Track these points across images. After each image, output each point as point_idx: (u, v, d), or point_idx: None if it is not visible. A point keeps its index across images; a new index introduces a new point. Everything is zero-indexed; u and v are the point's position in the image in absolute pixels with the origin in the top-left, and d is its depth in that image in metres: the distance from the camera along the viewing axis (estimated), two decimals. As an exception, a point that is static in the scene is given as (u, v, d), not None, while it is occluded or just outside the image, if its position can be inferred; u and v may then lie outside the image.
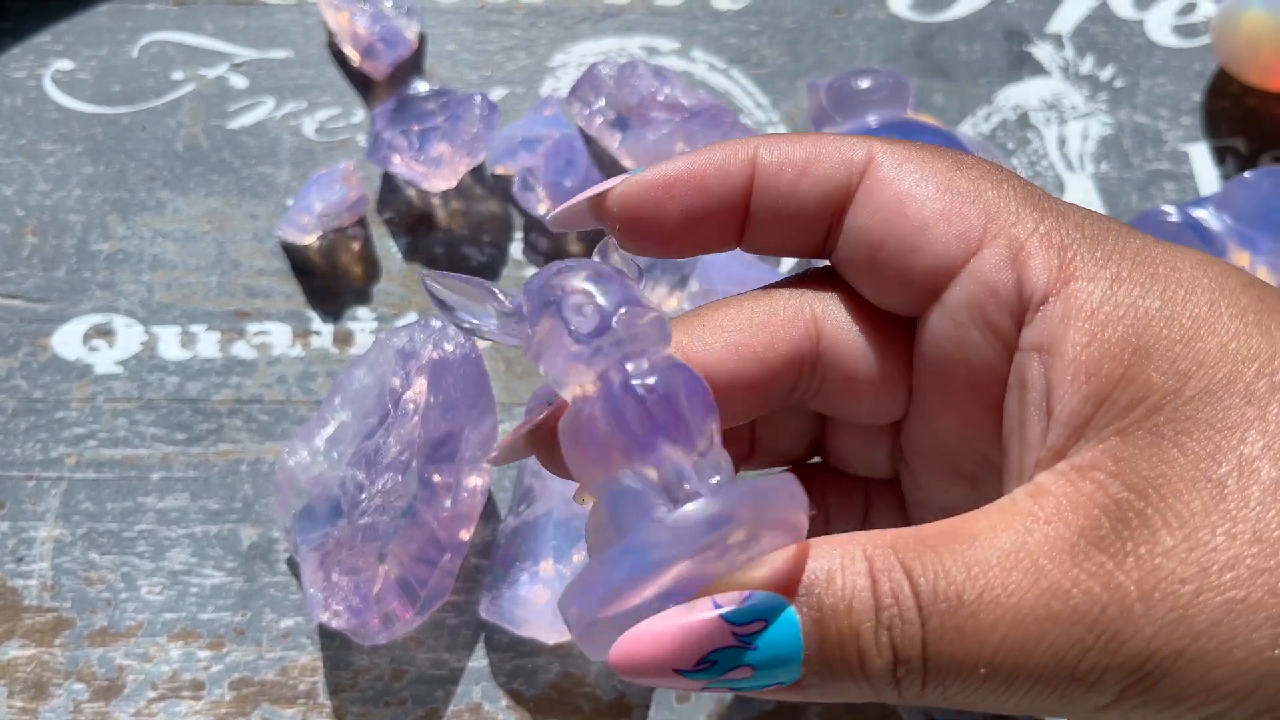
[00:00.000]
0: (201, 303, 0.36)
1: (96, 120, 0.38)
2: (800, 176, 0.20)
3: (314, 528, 0.30)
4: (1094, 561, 0.16)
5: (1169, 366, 0.17)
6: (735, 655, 0.16)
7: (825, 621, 0.16)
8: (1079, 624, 0.16)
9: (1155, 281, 0.18)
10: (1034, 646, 0.16)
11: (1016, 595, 0.16)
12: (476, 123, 0.35)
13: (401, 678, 0.31)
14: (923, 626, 0.16)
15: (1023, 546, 0.16)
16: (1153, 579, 0.15)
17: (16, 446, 0.34)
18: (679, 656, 0.16)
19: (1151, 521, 0.16)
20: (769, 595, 0.17)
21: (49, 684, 0.31)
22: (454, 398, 0.30)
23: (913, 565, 0.16)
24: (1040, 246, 0.18)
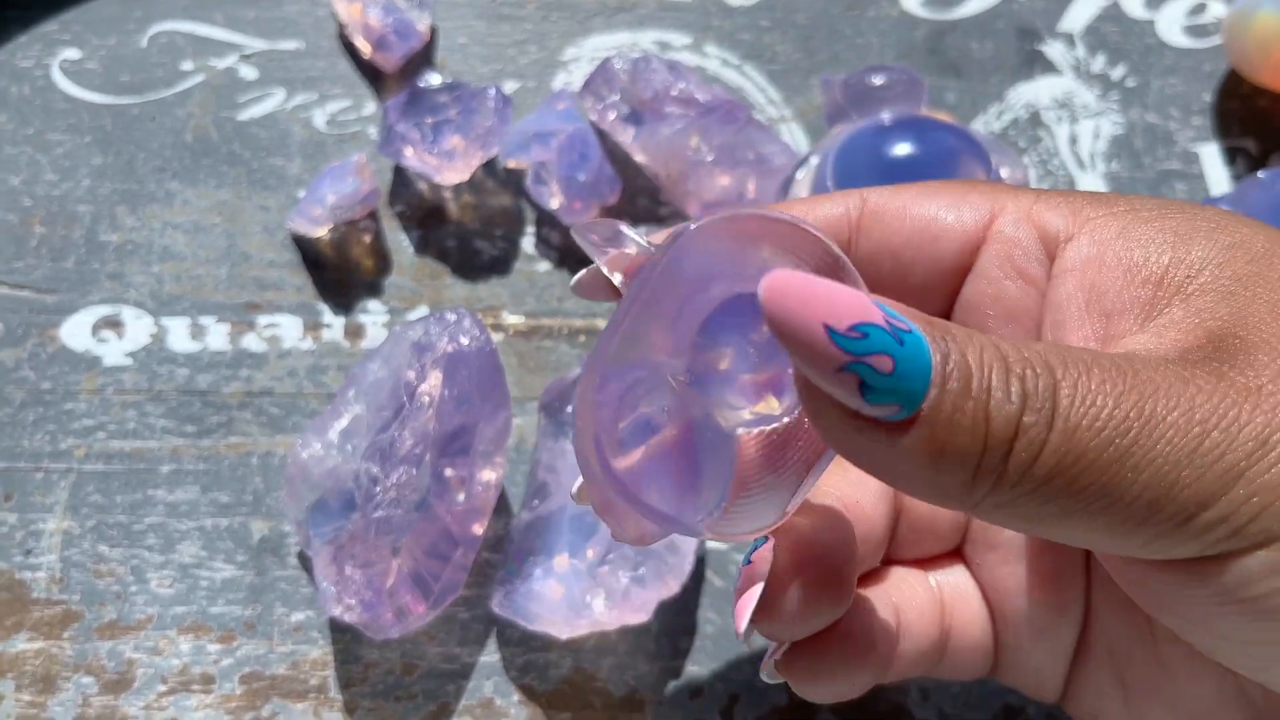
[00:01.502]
0: (211, 294, 0.36)
1: (105, 110, 0.38)
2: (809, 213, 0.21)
3: (327, 521, 0.30)
4: (1202, 370, 0.16)
5: (1212, 244, 0.18)
6: (884, 340, 0.15)
7: (955, 351, 0.16)
8: (1196, 410, 0.16)
9: (1171, 206, 0.19)
10: (1164, 413, 0.15)
11: (1143, 369, 0.16)
12: (490, 116, 0.35)
13: (413, 672, 0.31)
14: (1055, 386, 0.16)
15: (1134, 356, 0.17)
16: (1256, 382, 0.16)
17: (25, 438, 0.33)
18: (829, 310, 0.15)
19: (1251, 345, 0.17)
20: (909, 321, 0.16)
21: (57, 677, 0.30)
22: (468, 391, 0.30)
23: (1041, 348, 0.16)
24: (1047, 205, 0.20)
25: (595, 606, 0.29)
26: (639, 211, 0.37)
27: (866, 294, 0.16)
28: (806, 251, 0.18)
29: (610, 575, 0.29)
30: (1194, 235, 0.18)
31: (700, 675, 0.31)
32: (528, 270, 0.36)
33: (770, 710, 0.30)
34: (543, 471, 0.31)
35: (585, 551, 0.29)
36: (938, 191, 0.21)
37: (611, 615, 0.29)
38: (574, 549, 0.30)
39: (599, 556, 0.29)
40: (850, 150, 0.32)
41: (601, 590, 0.29)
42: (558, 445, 0.31)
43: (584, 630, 0.29)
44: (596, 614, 0.29)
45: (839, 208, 0.21)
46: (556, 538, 0.30)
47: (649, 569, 0.29)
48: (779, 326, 0.15)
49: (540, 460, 0.31)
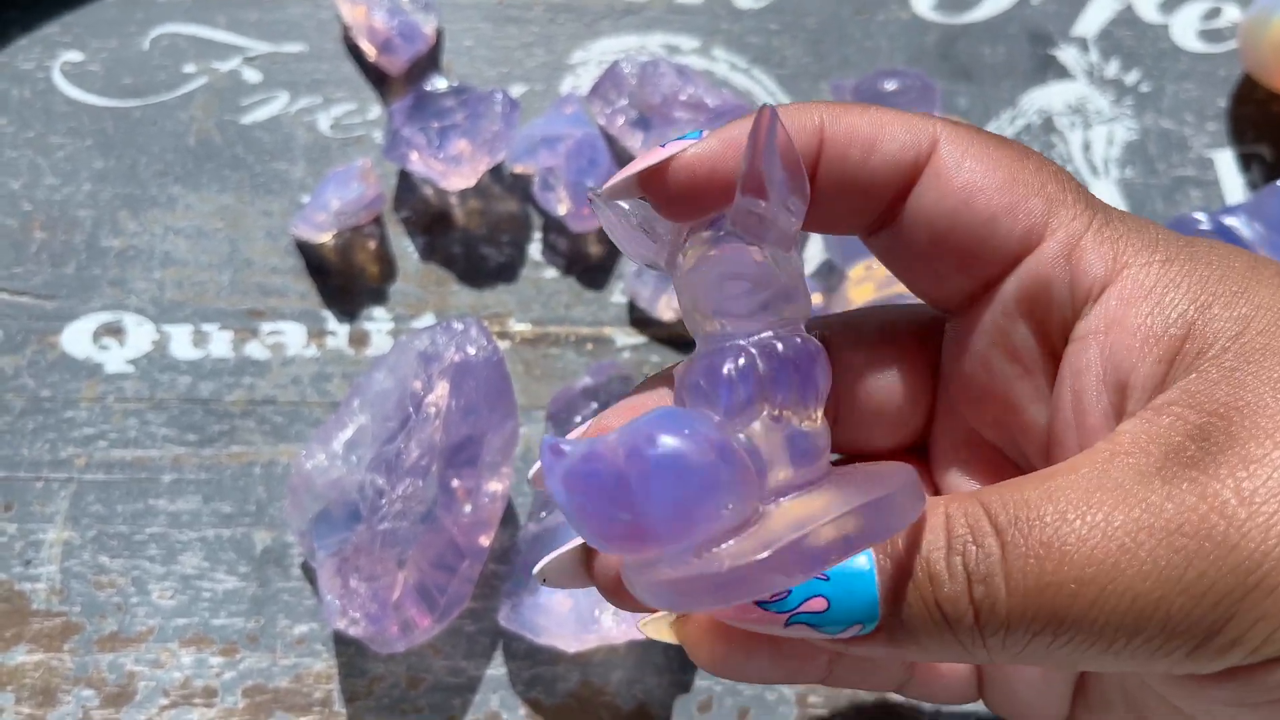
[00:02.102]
0: (214, 301, 0.35)
1: (107, 113, 0.38)
2: (867, 154, 0.19)
3: (331, 533, 0.30)
4: (1185, 478, 0.15)
5: (1229, 314, 0.17)
6: (809, 586, 0.16)
7: (899, 555, 0.16)
8: (1177, 534, 0.15)
9: (1201, 260, 0.18)
10: (1128, 559, 0.15)
11: (1104, 512, 0.15)
12: (498, 120, 0.35)
13: (418, 686, 0.30)
14: (1002, 549, 0.16)
15: (1105, 474, 0.16)
16: (1250, 485, 0.15)
17: (24, 447, 0.33)
18: (747, 595, 0.16)
19: (1239, 436, 0.16)
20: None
21: (57, 690, 0.30)
22: (475, 401, 0.30)
23: (990, 500, 0.16)
24: (1095, 241, 0.19)
25: (604, 620, 0.29)
26: (647, 217, 0.36)
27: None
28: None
29: None
30: (1217, 299, 0.18)
31: (709, 689, 0.30)
32: (534, 277, 0.36)
33: (781, 725, 0.30)
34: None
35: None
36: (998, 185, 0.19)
37: (620, 629, 0.29)
38: None
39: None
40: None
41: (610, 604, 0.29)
42: None
43: (592, 644, 0.29)
44: (604, 627, 0.29)
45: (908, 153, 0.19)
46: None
47: None
48: (714, 612, 0.16)
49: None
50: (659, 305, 0.34)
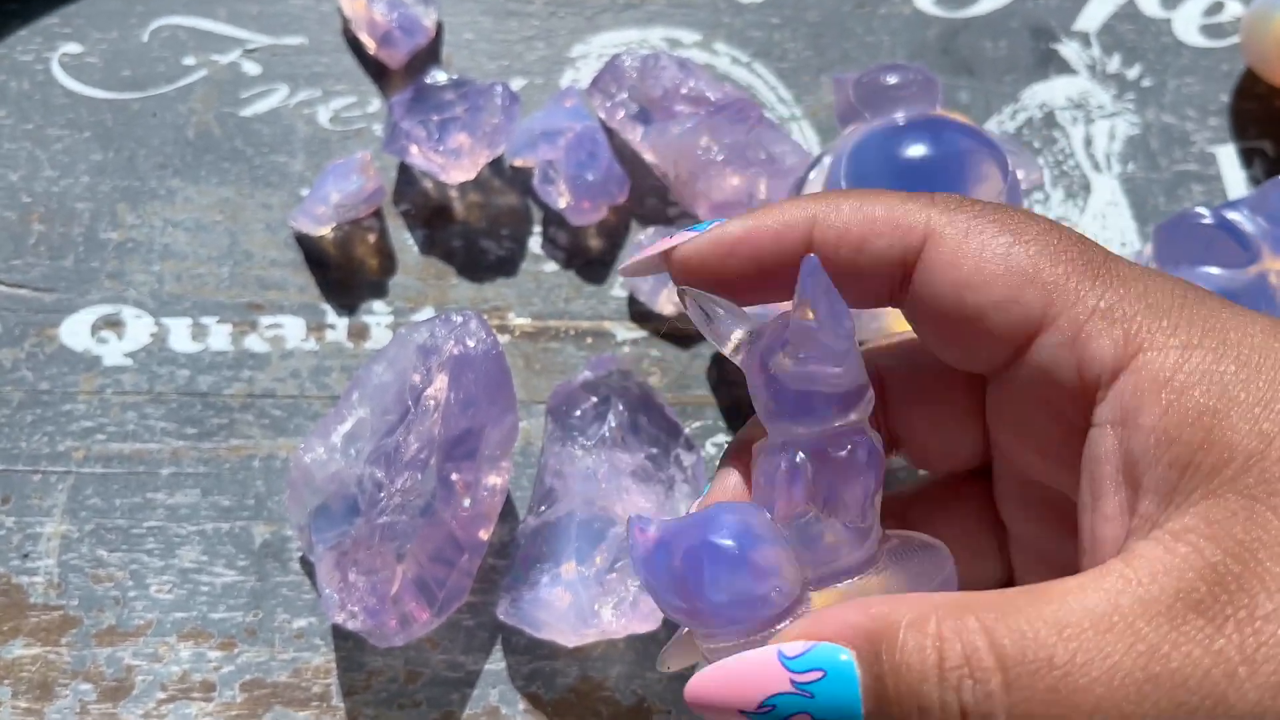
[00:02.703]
0: (213, 294, 0.35)
1: (105, 105, 0.38)
2: (857, 253, 0.20)
3: (330, 527, 0.29)
4: (1193, 625, 0.16)
5: (1251, 428, 0.17)
6: (793, 703, 0.17)
7: (884, 679, 0.17)
8: (1181, 688, 0.15)
9: (1228, 347, 0.18)
10: (1134, 709, 0.15)
11: (1113, 658, 0.16)
12: (498, 113, 0.35)
13: (416, 680, 0.30)
14: (1006, 689, 0.16)
15: (1116, 608, 0.16)
16: (1254, 642, 0.15)
17: (22, 439, 0.33)
18: (740, 697, 0.17)
19: (1249, 586, 0.16)
20: (831, 646, 0.17)
21: (54, 684, 0.30)
22: (475, 394, 0.29)
23: (995, 626, 0.16)
24: (1103, 324, 0.18)
25: (603, 615, 0.28)
26: (647, 212, 0.36)
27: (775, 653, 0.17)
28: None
29: (619, 583, 0.29)
30: (1238, 405, 0.17)
31: (709, 684, 0.30)
32: (534, 271, 0.35)
33: (781, 720, 0.30)
34: (550, 476, 0.31)
35: (593, 558, 0.29)
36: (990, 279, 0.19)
37: (619, 624, 0.29)
38: (582, 556, 0.29)
39: (607, 564, 0.29)
40: (863, 151, 0.31)
41: (610, 598, 0.29)
42: (565, 450, 0.31)
43: (591, 639, 0.29)
44: (604, 622, 0.28)
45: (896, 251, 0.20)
46: (564, 544, 0.29)
47: None
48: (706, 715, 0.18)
49: (547, 465, 0.31)
50: (659, 299, 0.34)
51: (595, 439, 0.31)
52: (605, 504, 0.29)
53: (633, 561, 0.19)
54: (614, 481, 0.30)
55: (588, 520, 0.29)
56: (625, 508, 0.29)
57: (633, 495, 0.30)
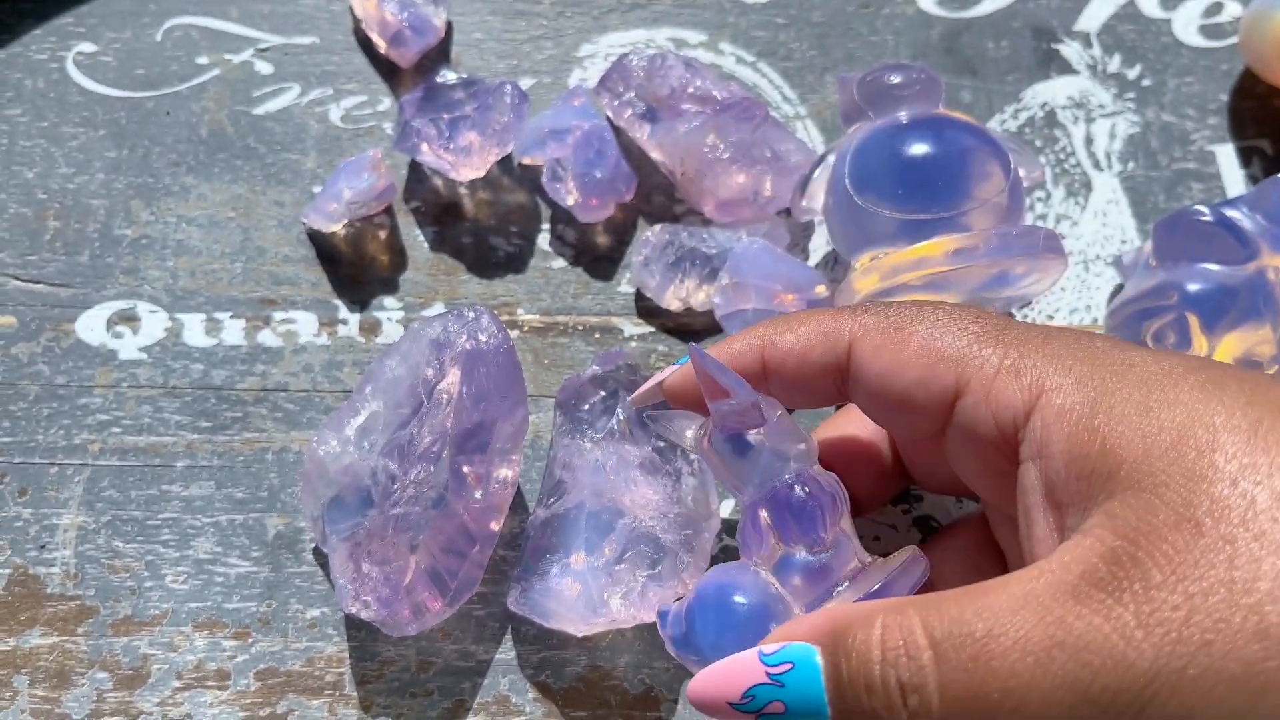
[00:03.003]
0: (226, 290, 0.35)
1: (120, 104, 0.38)
2: (801, 365, 0.25)
3: (343, 518, 0.30)
4: (1095, 599, 0.18)
5: (1134, 434, 0.20)
6: (769, 691, 0.21)
7: (840, 665, 0.20)
8: (1085, 651, 0.18)
9: (1113, 375, 0.21)
10: (1044, 672, 0.18)
11: (1024, 629, 0.18)
12: (507, 112, 0.35)
13: (428, 669, 0.31)
14: (936, 662, 0.19)
15: (1030, 592, 0.19)
16: (1148, 609, 0.18)
17: (39, 432, 0.33)
18: (727, 690, 0.22)
19: (1142, 562, 0.18)
20: (799, 644, 0.21)
21: (71, 673, 0.30)
22: (486, 389, 0.30)
23: (929, 616, 0.20)
24: (1009, 378, 0.22)
25: (612, 604, 0.29)
26: (654, 209, 0.37)
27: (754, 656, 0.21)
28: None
29: (627, 573, 0.29)
30: (1122, 421, 0.20)
31: (716, 673, 0.31)
32: (543, 267, 0.36)
33: None
34: (559, 469, 0.31)
35: (602, 549, 0.29)
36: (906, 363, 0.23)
37: (628, 613, 0.29)
38: (591, 547, 0.29)
39: (616, 554, 0.29)
40: (867, 149, 0.32)
41: (619, 588, 0.29)
42: (574, 443, 0.31)
43: (600, 628, 0.29)
44: (613, 612, 0.29)
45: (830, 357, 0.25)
46: (574, 535, 0.30)
47: (665, 567, 0.29)
48: (709, 715, 0.22)
49: (556, 457, 0.31)
50: (666, 295, 0.34)
51: (604, 432, 0.31)
52: (614, 495, 0.30)
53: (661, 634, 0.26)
54: (622, 473, 0.30)
55: (597, 512, 0.30)
56: (633, 499, 0.30)
57: (641, 487, 0.30)
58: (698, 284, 0.34)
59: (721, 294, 0.33)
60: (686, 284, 0.34)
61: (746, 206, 0.35)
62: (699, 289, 0.34)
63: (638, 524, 0.29)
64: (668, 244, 0.34)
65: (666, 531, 0.30)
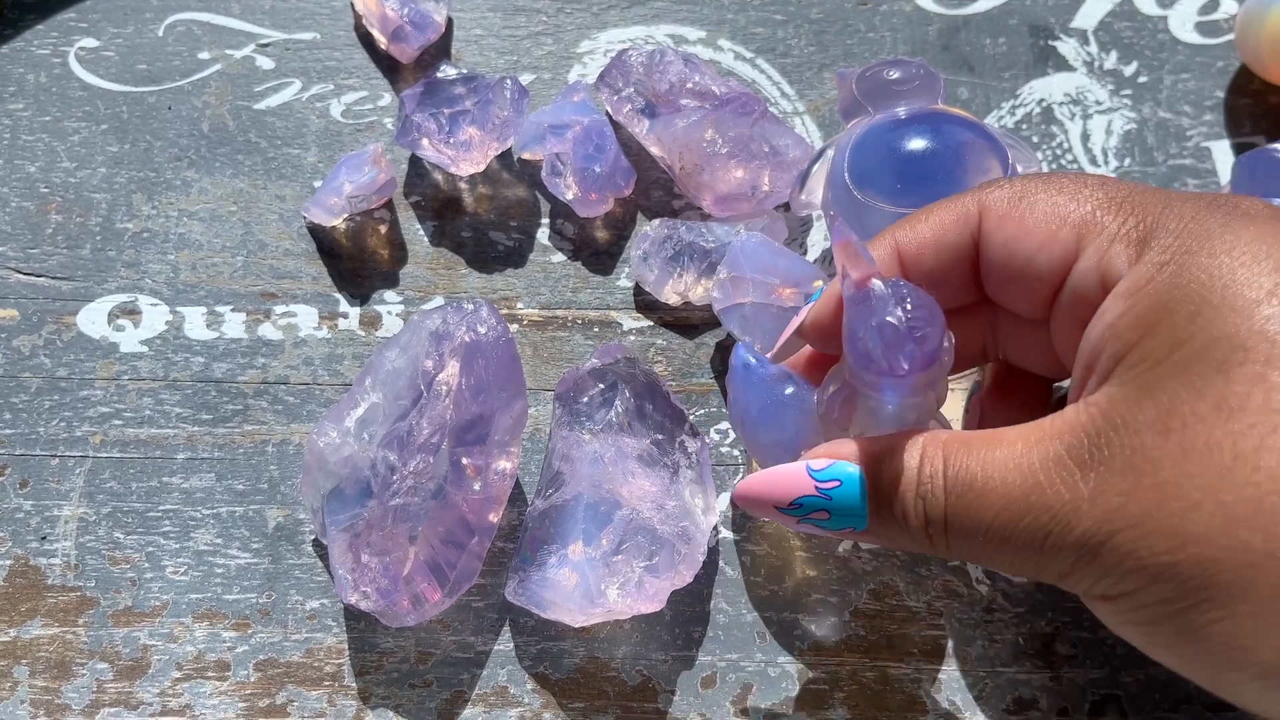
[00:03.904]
0: (227, 283, 0.36)
1: (122, 98, 0.38)
2: (938, 252, 0.26)
3: (343, 509, 0.30)
4: (1067, 470, 0.22)
5: (1169, 335, 0.21)
6: (816, 502, 0.24)
7: (879, 486, 0.24)
8: (1046, 512, 0.22)
9: (1194, 264, 0.22)
10: (1016, 523, 0.22)
11: (1009, 487, 0.22)
12: (507, 107, 0.35)
13: (427, 660, 0.31)
14: (947, 495, 0.23)
15: (1025, 454, 0.22)
16: (1100, 486, 0.21)
17: (40, 424, 0.33)
18: (775, 496, 0.25)
19: (1113, 446, 0.21)
20: (846, 463, 0.24)
21: (72, 663, 0.30)
22: (485, 380, 0.30)
23: (950, 457, 0.23)
24: (1120, 246, 0.23)
25: (610, 595, 0.29)
26: (653, 204, 0.37)
27: (804, 471, 0.25)
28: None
29: (625, 564, 0.29)
30: (1168, 318, 0.21)
31: (713, 664, 0.31)
32: (542, 261, 0.36)
33: (783, 699, 0.30)
34: (557, 460, 0.31)
35: (600, 540, 0.30)
36: (1030, 229, 0.24)
37: (625, 604, 0.29)
38: (589, 538, 0.30)
39: (613, 545, 0.29)
40: (866, 144, 0.32)
41: (616, 579, 0.29)
42: (572, 435, 0.31)
43: (598, 619, 0.29)
44: (611, 602, 0.29)
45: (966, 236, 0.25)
46: (571, 526, 0.30)
47: (662, 558, 0.29)
48: (754, 514, 0.26)
49: (555, 449, 0.31)
50: (664, 289, 0.35)
51: (602, 424, 0.31)
52: (612, 487, 0.30)
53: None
54: (620, 465, 0.30)
55: (595, 503, 0.30)
56: (631, 491, 0.30)
57: (638, 479, 0.30)
58: (696, 278, 0.34)
59: (720, 288, 0.33)
60: (685, 278, 0.34)
61: (745, 201, 0.35)
62: (697, 283, 0.34)
63: (635, 515, 0.30)
64: (666, 238, 0.34)
65: (664, 523, 0.30)
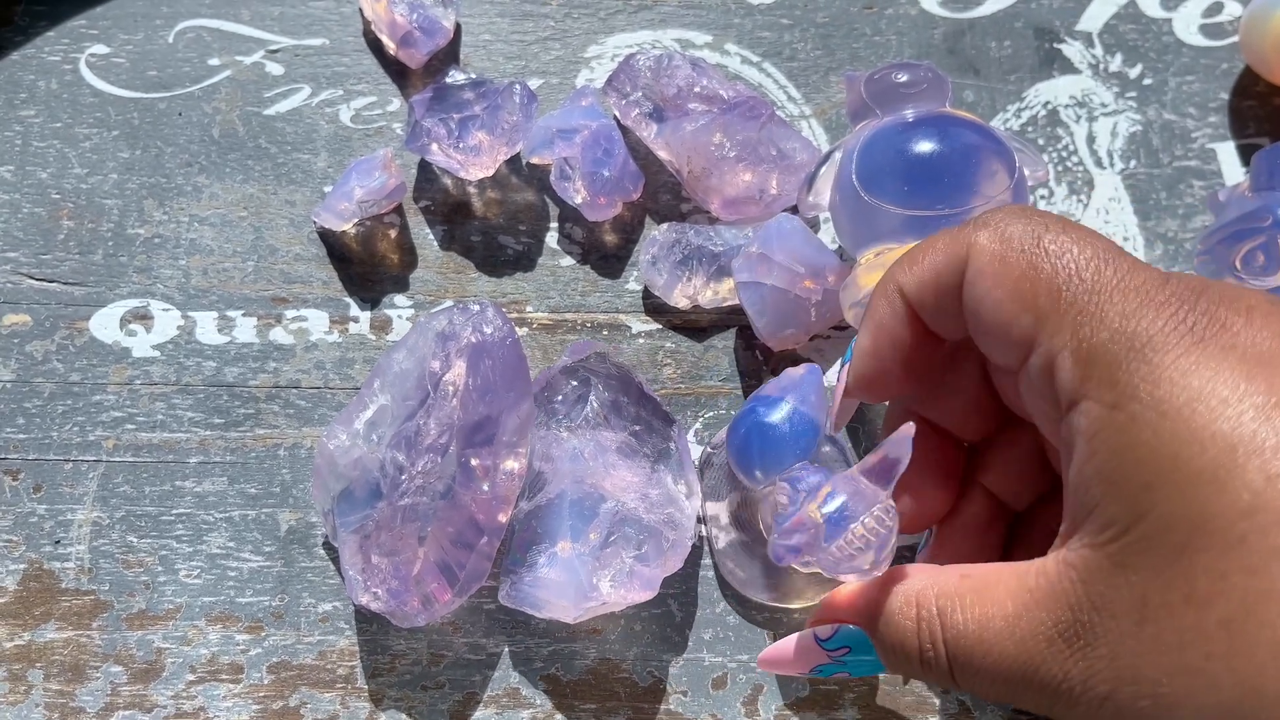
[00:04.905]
0: (239, 288, 0.36)
1: (133, 105, 0.39)
2: (936, 293, 0.26)
3: (353, 510, 0.30)
4: (1057, 649, 0.22)
5: (1129, 504, 0.21)
6: (833, 669, 0.27)
7: (887, 652, 0.26)
8: (1045, 691, 0.23)
9: (1148, 412, 0.21)
10: (1018, 694, 0.23)
11: (1006, 660, 0.23)
12: (516, 111, 0.36)
13: (439, 662, 0.31)
14: (950, 664, 0.24)
15: (1016, 623, 0.23)
16: (1089, 671, 0.22)
17: (54, 429, 0.34)
18: (795, 667, 0.28)
19: (1095, 631, 0.22)
20: (851, 630, 0.26)
21: (86, 666, 0.31)
22: (492, 381, 0.30)
23: (945, 616, 0.24)
24: (1068, 360, 0.23)
25: (602, 587, 0.29)
26: (661, 207, 0.37)
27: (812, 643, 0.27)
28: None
29: (614, 556, 0.29)
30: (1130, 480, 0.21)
31: (724, 667, 0.31)
32: (551, 265, 0.36)
33: (794, 701, 0.30)
34: (538, 461, 0.31)
35: (587, 535, 0.29)
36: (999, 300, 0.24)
37: (618, 594, 0.29)
38: (576, 534, 0.29)
39: (601, 538, 0.29)
40: (874, 146, 0.32)
41: (607, 571, 0.29)
42: (550, 433, 0.31)
43: (593, 613, 0.29)
44: (604, 595, 0.29)
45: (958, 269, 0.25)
46: (558, 524, 0.30)
47: (651, 547, 0.29)
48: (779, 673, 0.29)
49: (535, 450, 0.31)
50: (673, 293, 0.35)
51: (579, 420, 0.31)
52: (595, 481, 0.30)
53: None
54: (601, 459, 0.30)
55: (579, 499, 0.30)
56: (614, 482, 0.30)
57: (620, 471, 0.30)
58: (705, 281, 0.34)
59: (745, 261, 0.33)
60: (694, 281, 0.34)
61: (753, 204, 0.35)
62: (706, 286, 0.34)
63: (620, 507, 0.30)
64: (675, 242, 0.35)
65: (649, 512, 0.30)
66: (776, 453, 0.29)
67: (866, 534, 0.26)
